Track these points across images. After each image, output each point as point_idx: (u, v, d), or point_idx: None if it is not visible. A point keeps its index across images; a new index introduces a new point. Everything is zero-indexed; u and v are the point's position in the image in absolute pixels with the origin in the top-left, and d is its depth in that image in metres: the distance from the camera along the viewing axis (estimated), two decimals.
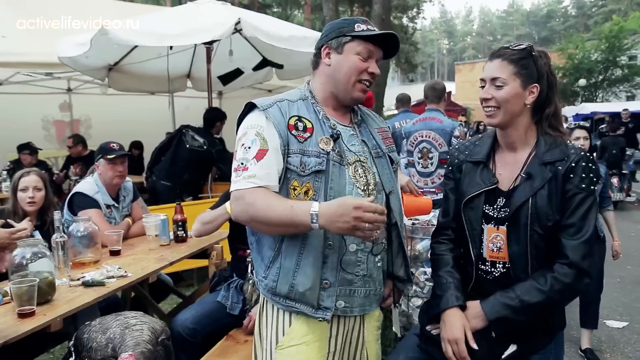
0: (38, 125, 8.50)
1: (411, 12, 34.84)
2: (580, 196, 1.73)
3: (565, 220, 1.74)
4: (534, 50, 1.80)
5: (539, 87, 1.79)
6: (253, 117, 1.77)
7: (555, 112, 1.84)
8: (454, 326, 1.78)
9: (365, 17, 19.13)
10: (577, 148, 1.78)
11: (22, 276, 2.21)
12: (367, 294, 1.82)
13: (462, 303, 1.82)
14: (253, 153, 1.69)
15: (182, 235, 3.47)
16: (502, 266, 1.84)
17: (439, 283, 1.93)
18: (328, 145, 1.74)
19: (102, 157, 3.52)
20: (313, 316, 1.72)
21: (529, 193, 1.76)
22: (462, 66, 52.55)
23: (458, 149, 2.04)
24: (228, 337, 2.82)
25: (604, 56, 28.80)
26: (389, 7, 14.75)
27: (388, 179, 1.87)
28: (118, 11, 6.94)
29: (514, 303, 1.73)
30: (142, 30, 4.54)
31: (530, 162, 1.81)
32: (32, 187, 3.13)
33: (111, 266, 2.77)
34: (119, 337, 1.92)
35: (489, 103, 1.82)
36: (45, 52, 5.40)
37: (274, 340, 1.81)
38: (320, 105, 1.83)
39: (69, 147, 7.09)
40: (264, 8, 32.81)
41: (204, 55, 5.62)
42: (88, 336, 1.94)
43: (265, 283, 1.78)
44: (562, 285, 1.71)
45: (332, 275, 1.72)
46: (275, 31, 4.91)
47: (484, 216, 1.87)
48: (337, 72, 1.79)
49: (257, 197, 1.63)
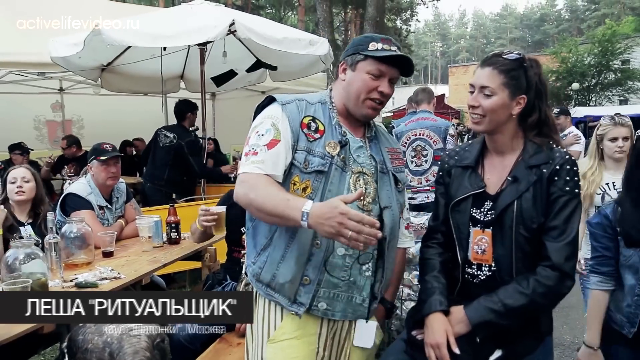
0: (30, 125, 8.45)
1: (405, 14, 34.99)
2: (564, 199, 1.75)
3: (549, 223, 1.76)
4: (525, 60, 1.82)
5: (526, 98, 1.81)
6: (272, 108, 1.84)
7: (543, 119, 1.85)
8: (436, 331, 1.80)
9: (359, 19, 19.16)
10: (562, 152, 1.80)
11: (15, 277, 2.21)
12: (350, 300, 1.84)
13: (445, 308, 1.83)
14: (265, 141, 1.76)
15: (176, 237, 3.47)
16: (487, 269, 1.86)
17: (424, 288, 1.95)
18: (334, 150, 1.81)
19: (95, 158, 3.51)
20: (287, 308, 1.79)
21: (514, 196, 1.79)
22: (455, 69, 52.64)
23: (449, 154, 2.08)
24: (221, 339, 2.82)
25: (597, 60, 28.96)
26: (382, 9, 14.79)
27: (387, 195, 1.90)
28: (112, 11, 6.91)
29: (497, 307, 1.74)
30: (136, 31, 4.54)
31: (516, 166, 1.84)
32: (20, 178, 3.16)
33: (104, 268, 2.77)
34: (117, 342, 1.92)
35: (476, 111, 1.84)
36: (37, 52, 5.38)
37: (266, 334, 1.86)
38: (337, 112, 1.90)
39: (63, 148, 7.06)
40: (257, 9, 32.85)
41: (197, 57, 5.61)
42: (83, 337, 1.94)
43: (253, 268, 1.86)
44: (544, 289, 1.72)
45: (313, 273, 1.77)
46: (269, 33, 4.92)
47: (471, 219, 1.89)
48: (350, 87, 1.85)
49: (259, 183, 1.69)
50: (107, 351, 1.91)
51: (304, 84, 7.20)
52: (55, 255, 2.69)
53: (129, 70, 6.36)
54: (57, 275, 2.64)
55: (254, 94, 7.91)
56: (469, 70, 45.07)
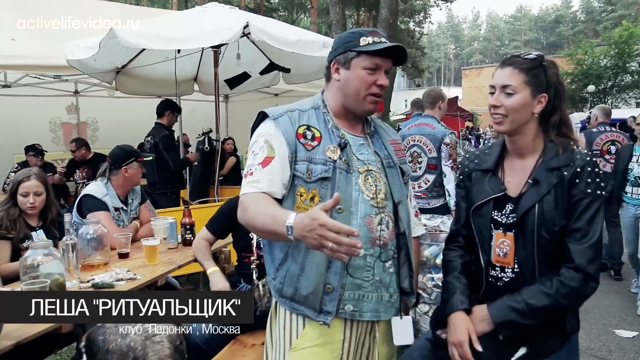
0: (46, 127, 8.54)
1: (418, 16, 34.89)
2: (586, 201, 1.74)
3: (571, 225, 1.75)
4: (544, 60, 1.82)
5: (547, 96, 1.81)
6: (264, 125, 1.84)
7: (563, 119, 1.85)
8: (459, 329, 1.81)
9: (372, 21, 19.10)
10: (583, 153, 1.79)
11: (33, 277, 2.23)
12: (380, 299, 1.83)
13: (466, 307, 1.85)
14: (259, 159, 1.77)
15: (190, 239, 3.48)
16: (510, 271, 1.86)
17: (446, 288, 1.97)
18: (335, 154, 1.79)
19: (134, 160, 3.59)
20: (314, 319, 1.77)
21: (536, 199, 1.78)
22: (469, 71, 52.44)
23: (468, 157, 2.08)
24: (235, 341, 2.83)
25: (613, 62, 28.56)
26: (396, 11, 14.73)
27: (398, 189, 1.89)
28: (126, 14, 6.98)
29: (520, 306, 1.75)
30: (150, 34, 4.57)
31: (537, 169, 1.83)
32: (33, 193, 3.17)
33: (120, 269, 2.79)
34: (141, 348, 1.93)
35: (498, 110, 1.84)
36: (53, 54, 5.44)
37: (287, 342, 1.84)
38: (332, 115, 1.88)
39: (72, 151, 7.08)
40: (270, 12, 32.94)
41: (211, 59, 5.63)
42: (104, 338, 1.94)
43: (274, 284, 1.85)
44: (568, 289, 1.72)
45: (335, 280, 1.75)
46: (282, 35, 4.93)
47: (492, 222, 1.89)
48: (347, 86, 1.84)
49: (252, 203, 1.70)
50: (130, 356, 1.92)
51: (317, 86, 7.20)
52: (73, 257, 2.72)
53: (143, 73, 6.41)
54: (74, 276, 2.66)
55: (267, 96, 7.93)
56: (482, 72, 44.84)
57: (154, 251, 3.05)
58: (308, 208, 1.73)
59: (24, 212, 3.18)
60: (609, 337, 4.05)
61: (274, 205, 1.69)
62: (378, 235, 1.79)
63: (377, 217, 1.80)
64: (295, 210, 1.76)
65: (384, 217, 1.81)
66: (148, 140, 6.02)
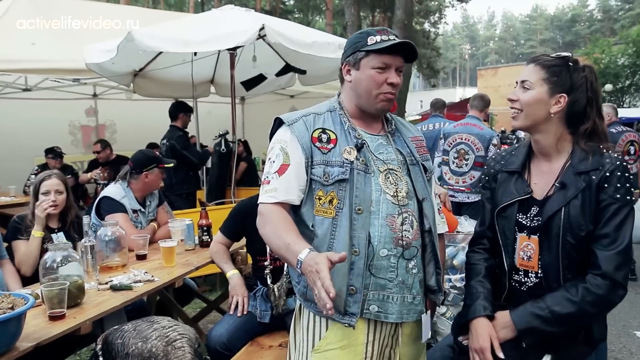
0: (65, 130, 8.65)
1: (433, 17, 34.69)
2: (614, 206, 1.69)
3: (599, 231, 1.70)
4: (571, 60, 1.78)
5: (566, 97, 1.76)
6: (280, 132, 1.86)
7: (596, 130, 1.79)
8: (480, 335, 1.78)
9: (388, 22, 19.08)
10: (613, 157, 1.74)
11: (53, 279, 2.25)
12: (404, 301, 1.81)
13: (489, 313, 1.81)
14: (276, 167, 1.79)
15: (207, 240, 3.49)
16: (534, 276, 1.82)
17: (469, 293, 1.93)
18: (351, 155, 1.78)
19: (156, 166, 3.62)
20: (339, 321, 1.75)
21: (562, 203, 1.74)
22: (484, 71, 51.85)
23: (494, 158, 2.05)
24: (253, 342, 2.83)
25: (631, 61, 28.10)
26: (411, 12, 14.69)
27: (421, 187, 1.87)
28: (144, 18, 7.04)
29: (544, 313, 1.71)
30: (167, 37, 4.59)
31: (564, 172, 1.79)
32: (54, 191, 3.17)
33: (138, 270, 2.80)
34: (162, 354, 1.94)
35: (514, 105, 1.83)
36: (72, 58, 5.50)
37: (310, 344, 1.85)
38: (348, 116, 1.88)
39: (96, 152, 7.18)
40: (285, 14, 33.00)
41: (227, 61, 5.64)
42: (122, 341, 1.95)
43: (298, 288, 1.87)
44: (594, 297, 1.67)
45: (358, 281, 1.74)
46: (298, 37, 4.93)
47: (517, 225, 1.85)
48: (358, 87, 1.84)
49: (270, 220, 1.75)
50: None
51: (333, 88, 7.19)
52: (91, 258, 2.74)
53: (160, 76, 6.45)
54: (92, 277, 2.68)
55: (283, 97, 7.94)
56: (497, 72, 44.37)
57: (172, 253, 3.06)
58: (327, 211, 1.75)
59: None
60: (629, 339, 3.98)
61: (290, 230, 1.71)
62: (401, 235, 1.78)
63: (399, 217, 1.78)
64: (315, 214, 1.77)
65: (407, 216, 1.80)
66: (164, 143, 6.10)
